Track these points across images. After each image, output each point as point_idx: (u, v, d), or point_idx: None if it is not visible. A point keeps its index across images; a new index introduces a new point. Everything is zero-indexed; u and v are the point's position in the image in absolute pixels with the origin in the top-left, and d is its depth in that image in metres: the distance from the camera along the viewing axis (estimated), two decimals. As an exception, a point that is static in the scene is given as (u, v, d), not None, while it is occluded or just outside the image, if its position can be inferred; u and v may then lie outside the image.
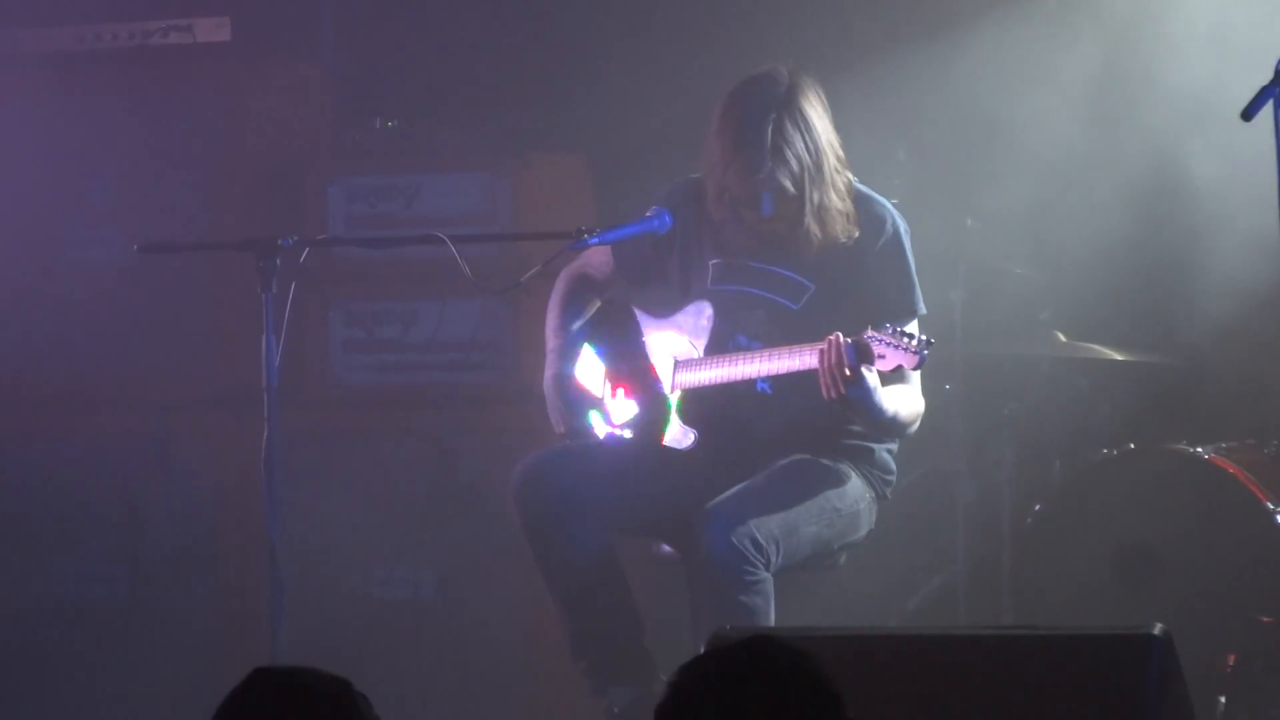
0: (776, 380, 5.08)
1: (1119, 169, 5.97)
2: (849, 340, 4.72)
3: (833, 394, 4.75)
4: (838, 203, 5.01)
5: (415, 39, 6.67)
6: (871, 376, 4.74)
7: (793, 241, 5.05)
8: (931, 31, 6.10)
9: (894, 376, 4.86)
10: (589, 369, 5.33)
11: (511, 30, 6.60)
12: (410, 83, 6.62)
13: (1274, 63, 4.19)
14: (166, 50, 6.38)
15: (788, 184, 4.95)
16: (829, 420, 5.04)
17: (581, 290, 5.38)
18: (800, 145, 4.96)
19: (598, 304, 5.39)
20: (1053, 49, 6.04)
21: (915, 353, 4.68)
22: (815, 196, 4.98)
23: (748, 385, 5.11)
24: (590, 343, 5.34)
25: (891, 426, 4.97)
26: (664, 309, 5.32)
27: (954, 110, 6.12)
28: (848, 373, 4.71)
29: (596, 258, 5.35)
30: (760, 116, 4.97)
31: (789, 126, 4.96)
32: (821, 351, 4.76)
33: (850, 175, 5.09)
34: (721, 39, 6.18)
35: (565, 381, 5.27)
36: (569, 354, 5.31)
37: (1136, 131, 5.94)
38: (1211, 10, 5.88)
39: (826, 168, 4.99)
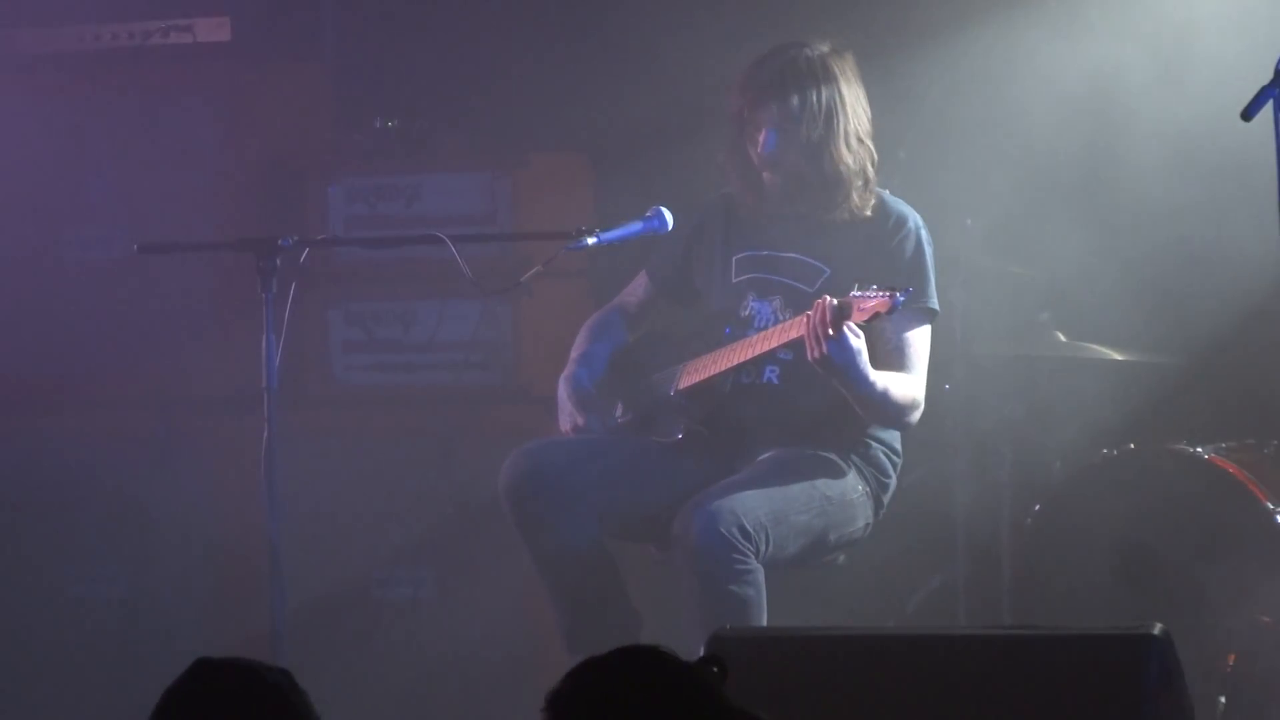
0: (785, 371, 5.09)
1: (1119, 169, 5.97)
2: (833, 300, 4.75)
3: (815, 353, 4.78)
4: (848, 160, 5.06)
5: (415, 39, 6.67)
6: (856, 340, 4.77)
7: (796, 196, 5.10)
8: (932, 31, 6.10)
9: (889, 357, 4.92)
10: (605, 384, 5.35)
11: (512, 30, 6.60)
12: (410, 83, 6.62)
13: (1274, 63, 4.19)
14: (166, 50, 6.38)
15: (789, 114, 5.04)
16: (834, 414, 5.04)
17: (614, 316, 5.46)
18: (813, 92, 5.05)
19: (629, 335, 5.43)
20: (1054, 48, 6.03)
21: (890, 297, 4.69)
22: (815, 137, 5.04)
23: (755, 378, 5.13)
24: (611, 363, 5.37)
25: (883, 405, 4.96)
26: (694, 320, 5.35)
27: (954, 110, 6.12)
28: (830, 331, 4.73)
29: (633, 285, 5.45)
30: (781, 54, 5.12)
31: (804, 69, 5.08)
32: (808, 315, 4.80)
33: (873, 148, 5.13)
34: (722, 39, 6.18)
35: (577, 383, 5.29)
36: (587, 361, 5.33)
37: (1137, 131, 5.93)
38: (1213, 9, 5.87)
39: (838, 123, 5.07)
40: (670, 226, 5.16)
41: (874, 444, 5.17)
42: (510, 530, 5.16)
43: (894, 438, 5.20)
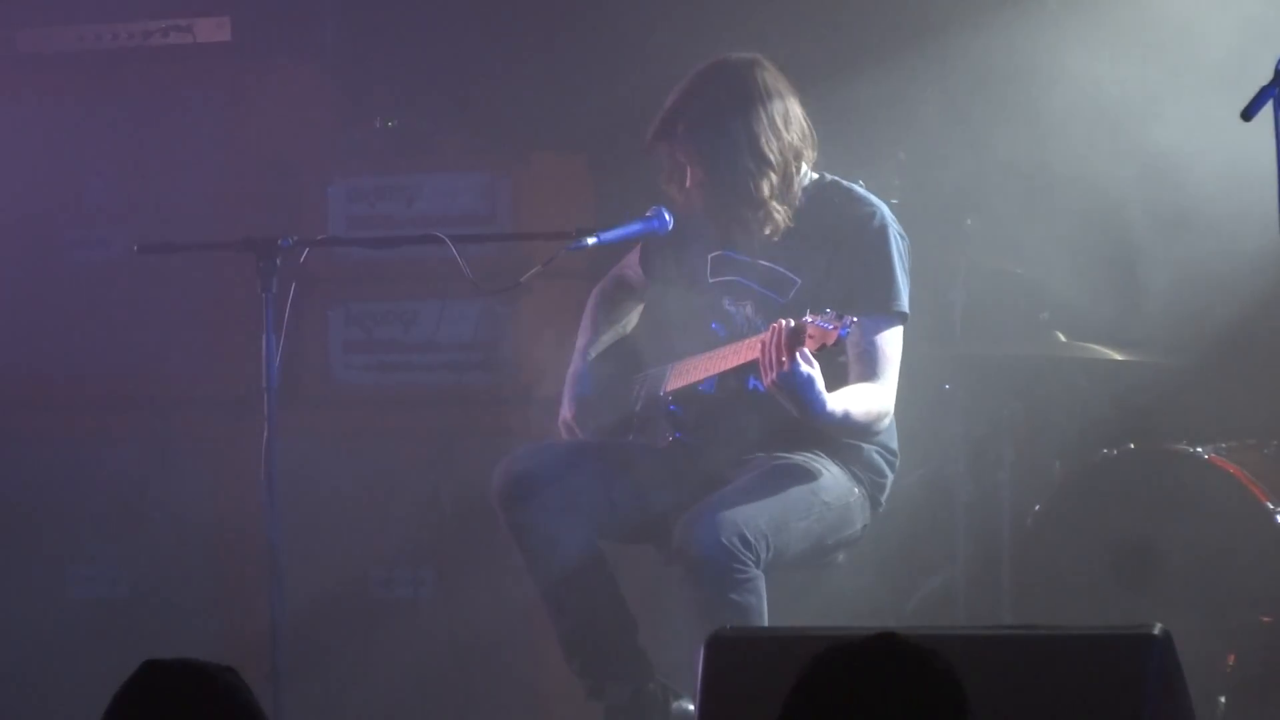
0: (766, 379, 5.08)
1: (1119, 169, 5.97)
2: (788, 324, 4.69)
3: (767, 381, 4.72)
4: (743, 189, 4.99)
5: (415, 39, 6.67)
6: (808, 368, 4.69)
7: (716, 223, 5.06)
8: (933, 32, 6.11)
9: (855, 362, 4.89)
10: (603, 376, 5.34)
11: (512, 30, 6.60)
12: (410, 83, 6.62)
13: (1274, 63, 4.19)
14: (166, 50, 6.38)
15: (678, 158, 5.01)
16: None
17: (617, 292, 5.42)
18: (704, 128, 4.98)
19: (635, 306, 5.40)
20: (1054, 49, 6.03)
21: (836, 329, 4.62)
22: (710, 178, 4.99)
23: (740, 384, 5.10)
24: (609, 355, 5.35)
25: (843, 426, 4.90)
26: (681, 313, 5.34)
27: (954, 110, 6.12)
28: (783, 358, 4.68)
29: (631, 258, 5.39)
30: (678, 92, 5.05)
31: (694, 106, 5.01)
32: (763, 340, 4.76)
33: (804, 166, 5.04)
34: (722, 40, 6.17)
35: (580, 384, 5.28)
36: (592, 350, 5.32)
37: (1136, 130, 5.94)
38: (1213, 9, 5.87)
39: (729, 150, 4.98)
40: (671, 226, 5.15)
41: (865, 445, 5.13)
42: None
43: (889, 436, 5.15)
